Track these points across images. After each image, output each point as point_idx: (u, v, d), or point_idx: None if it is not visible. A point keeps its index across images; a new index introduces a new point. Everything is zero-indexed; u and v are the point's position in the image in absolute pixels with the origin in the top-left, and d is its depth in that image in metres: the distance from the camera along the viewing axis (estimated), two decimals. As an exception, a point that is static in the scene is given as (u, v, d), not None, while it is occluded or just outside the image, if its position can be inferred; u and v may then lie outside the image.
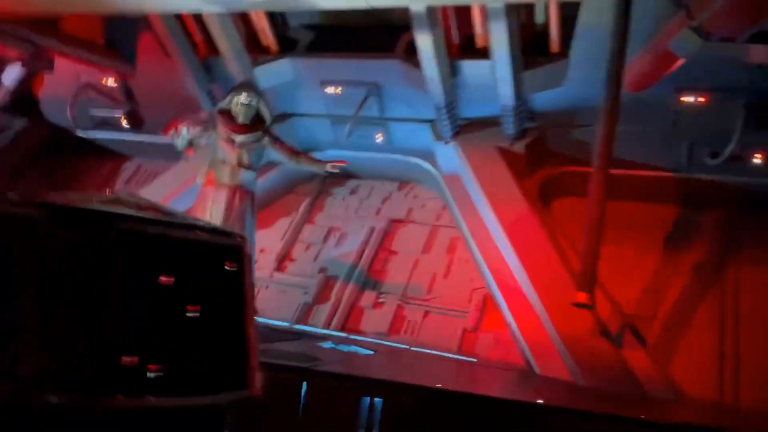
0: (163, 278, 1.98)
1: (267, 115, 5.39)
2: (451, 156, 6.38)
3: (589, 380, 4.83)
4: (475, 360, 5.40)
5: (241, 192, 5.15)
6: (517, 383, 4.97)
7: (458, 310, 5.91)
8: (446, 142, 6.35)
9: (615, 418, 3.72)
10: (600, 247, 4.82)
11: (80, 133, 7.99)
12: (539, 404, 3.84)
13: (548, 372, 5.02)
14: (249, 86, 5.36)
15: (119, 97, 7.77)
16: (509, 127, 6.06)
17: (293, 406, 3.76)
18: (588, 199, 4.93)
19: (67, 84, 7.73)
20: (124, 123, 7.79)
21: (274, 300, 6.38)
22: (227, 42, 6.40)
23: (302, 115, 7.03)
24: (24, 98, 7.97)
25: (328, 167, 5.46)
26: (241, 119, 5.15)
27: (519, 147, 6.14)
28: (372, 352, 5.07)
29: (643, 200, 5.93)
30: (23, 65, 7.37)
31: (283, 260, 6.78)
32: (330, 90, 6.66)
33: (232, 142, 5.15)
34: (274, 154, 5.40)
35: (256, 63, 6.66)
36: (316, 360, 4.25)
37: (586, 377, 4.85)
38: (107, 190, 7.47)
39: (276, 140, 5.45)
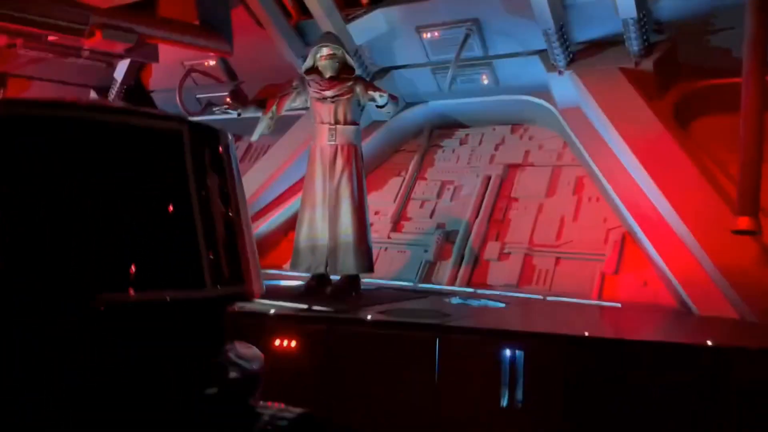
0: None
1: (352, 62, 5.07)
2: (567, 87, 5.80)
3: (760, 316, 4.20)
4: (619, 305, 4.90)
5: (346, 149, 4.91)
6: (672, 325, 4.43)
7: (594, 253, 5.42)
8: (561, 72, 5.78)
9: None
10: (761, 165, 4.16)
11: (191, 119, 8.17)
12: (707, 345, 3.33)
13: (709, 311, 4.43)
14: (328, 38, 5.06)
15: (221, 77, 7.87)
16: (633, 44, 5.38)
17: (429, 363, 3.54)
18: (741, 111, 4.26)
19: (172, 71, 7.92)
20: (229, 101, 7.86)
21: (395, 261, 6.20)
22: (317, 2, 6.19)
23: (401, 66, 6.73)
24: (136, 90, 8.30)
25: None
26: (328, 73, 4.89)
27: (646, 65, 5.46)
28: (504, 305, 4.73)
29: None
30: (129, 58, 7.69)
31: (398, 220, 6.57)
32: (427, 35, 6.29)
33: (324, 99, 4.92)
34: (366, 99, 5.01)
35: (348, 20, 6.41)
36: (447, 315, 3.98)
37: (755, 313, 4.23)
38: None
39: (367, 85, 5.11)
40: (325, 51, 4.90)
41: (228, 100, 7.89)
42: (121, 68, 8.05)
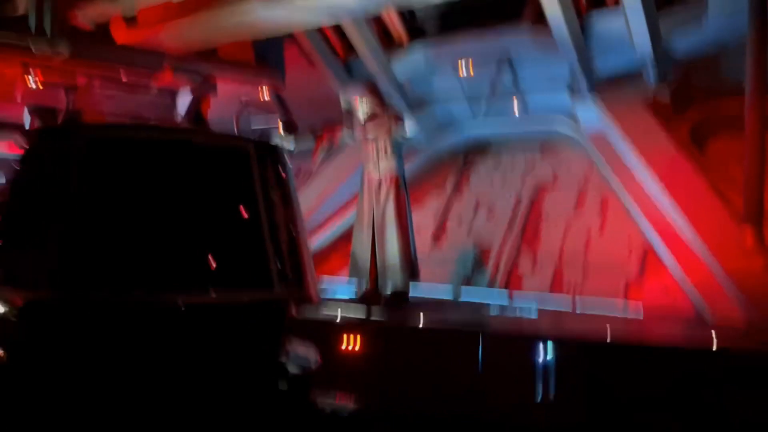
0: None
1: (382, 99, 5.65)
2: (592, 114, 6.31)
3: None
4: (641, 315, 5.41)
5: (388, 179, 5.53)
6: (689, 332, 4.93)
7: (618, 266, 5.92)
8: (586, 101, 6.31)
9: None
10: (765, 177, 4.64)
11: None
12: (717, 350, 3.84)
13: (720, 317, 4.91)
14: (354, 88, 5.69)
15: (274, 109, 8.58)
16: (650, 76, 5.90)
17: (473, 364, 4.09)
18: (746, 129, 4.76)
19: (230, 104, 8.68)
20: (281, 131, 8.58)
21: (435, 275, 6.75)
22: (363, 42, 6.84)
23: (439, 98, 7.27)
24: (196, 120, 9.08)
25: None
26: (360, 117, 5.56)
27: (663, 94, 5.96)
28: (536, 316, 5.29)
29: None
30: (192, 92, 8.46)
31: (438, 237, 7.14)
32: (463, 70, 6.88)
33: (366, 139, 5.58)
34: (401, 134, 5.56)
35: (390, 57, 7.05)
36: (485, 325, 4.56)
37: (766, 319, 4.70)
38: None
39: (396, 124, 5.57)
40: (353, 101, 5.57)
41: (280, 130, 8.63)
42: (184, 102, 8.82)
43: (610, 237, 6.18)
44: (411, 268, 5.56)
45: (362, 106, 5.54)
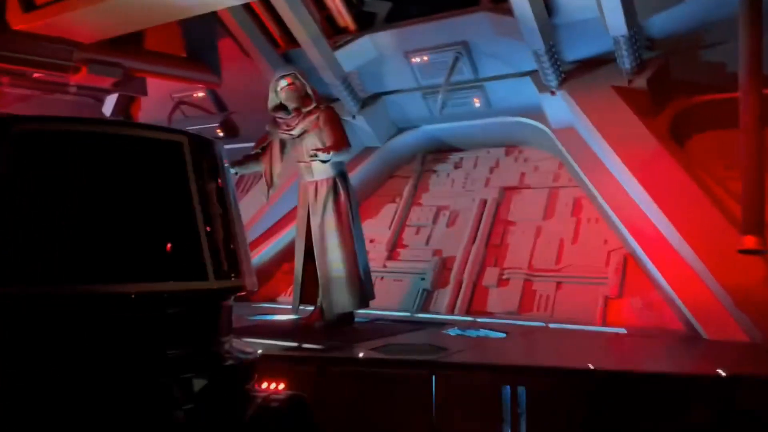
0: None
1: (311, 92, 4.79)
2: (560, 107, 5.68)
3: (771, 339, 4.03)
4: (624, 330, 4.73)
5: (326, 183, 4.75)
6: (681, 352, 4.25)
7: (595, 276, 5.26)
8: (553, 93, 5.66)
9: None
10: (764, 181, 4.02)
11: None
12: (720, 375, 3.15)
13: (718, 335, 4.25)
14: (285, 71, 4.85)
15: (211, 108, 7.78)
16: (625, 62, 5.26)
17: (426, 402, 3.35)
18: (740, 127, 4.14)
19: (162, 104, 7.84)
20: (220, 133, 7.77)
21: (391, 290, 6.03)
22: (303, 29, 6.09)
23: (391, 92, 6.64)
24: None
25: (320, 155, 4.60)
26: (292, 105, 4.74)
27: (639, 82, 5.33)
28: (504, 335, 4.55)
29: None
30: (117, 91, 7.60)
31: (394, 248, 6.42)
32: (416, 60, 6.21)
33: (293, 138, 4.80)
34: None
35: (335, 47, 6.33)
36: (444, 350, 3.81)
37: (767, 335, 4.05)
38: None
39: (329, 119, 4.71)
40: (284, 83, 4.76)
41: (219, 131, 7.82)
42: (110, 103, 7.96)
43: (585, 243, 5.53)
44: (358, 284, 4.77)
45: (292, 91, 4.73)
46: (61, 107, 7.77)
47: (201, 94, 7.73)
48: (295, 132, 4.76)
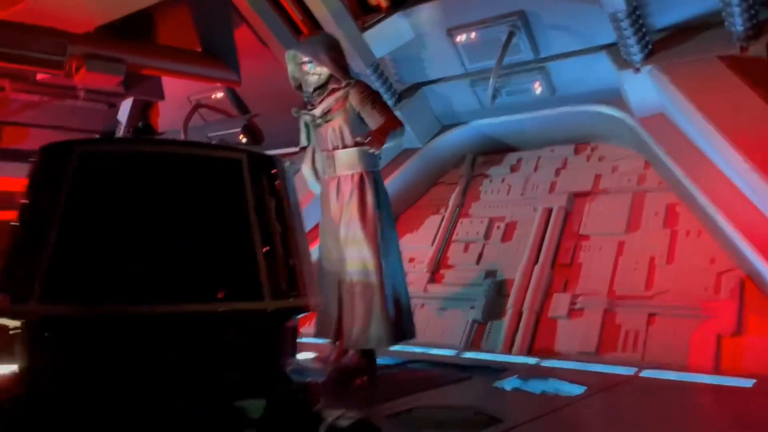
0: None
1: (344, 62, 3.82)
2: (647, 88, 4.51)
3: None
4: (750, 383, 3.41)
5: (350, 180, 3.69)
6: None
7: (701, 307, 3.98)
8: (638, 70, 4.47)
9: None
10: None
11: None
12: None
13: None
14: (302, 48, 3.84)
15: (231, 111, 6.94)
16: (736, 24, 4.03)
17: None
18: None
19: (181, 109, 7.08)
20: (243, 139, 6.90)
21: (433, 322, 4.90)
22: (326, 10, 5.15)
23: (433, 81, 5.65)
24: (145, 133, 7.52)
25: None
26: (311, 86, 3.74)
27: (756, 49, 4.11)
28: (583, 389, 3.32)
29: None
30: (131, 95, 6.91)
31: (437, 269, 5.31)
32: (461, 39, 5.16)
33: (315, 122, 3.78)
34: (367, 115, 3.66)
35: (364, 28, 5.35)
36: (499, 422, 2.62)
37: None
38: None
39: (363, 96, 3.69)
40: (299, 58, 3.76)
41: (241, 137, 6.95)
42: (125, 109, 7.25)
43: (685, 263, 4.27)
44: (390, 317, 3.65)
45: (312, 73, 3.74)
46: (73, 115, 7.15)
47: (220, 95, 6.90)
48: (317, 112, 3.75)
